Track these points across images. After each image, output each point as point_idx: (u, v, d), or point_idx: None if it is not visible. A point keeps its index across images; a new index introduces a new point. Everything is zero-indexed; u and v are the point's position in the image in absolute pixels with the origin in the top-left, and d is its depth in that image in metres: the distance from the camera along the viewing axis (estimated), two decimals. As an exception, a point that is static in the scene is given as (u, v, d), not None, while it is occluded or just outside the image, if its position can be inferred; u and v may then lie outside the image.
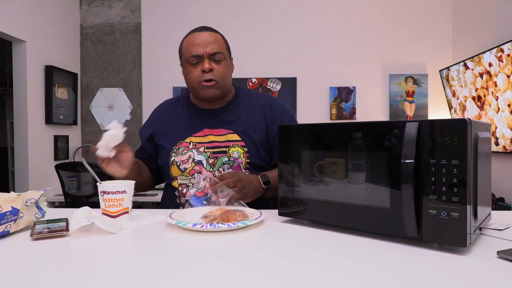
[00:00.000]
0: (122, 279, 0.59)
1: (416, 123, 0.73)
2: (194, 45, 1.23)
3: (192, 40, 1.24)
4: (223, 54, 1.25)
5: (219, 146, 1.25)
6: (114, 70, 3.77)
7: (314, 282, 0.57)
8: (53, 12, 3.38)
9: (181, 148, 1.26)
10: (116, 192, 0.92)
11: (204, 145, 1.25)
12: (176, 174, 1.26)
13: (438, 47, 3.59)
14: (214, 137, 1.26)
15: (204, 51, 1.21)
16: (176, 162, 1.25)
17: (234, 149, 1.24)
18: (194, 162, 1.23)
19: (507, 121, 2.53)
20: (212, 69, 1.22)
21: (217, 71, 1.23)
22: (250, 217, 0.91)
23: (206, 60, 1.22)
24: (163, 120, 1.35)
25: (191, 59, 1.23)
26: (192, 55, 1.22)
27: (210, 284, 0.57)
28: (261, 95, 1.41)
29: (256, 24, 3.68)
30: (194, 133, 1.28)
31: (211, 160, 1.23)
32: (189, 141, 1.27)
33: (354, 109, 3.64)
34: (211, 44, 1.23)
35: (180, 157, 1.25)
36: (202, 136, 1.27)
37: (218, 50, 1.24)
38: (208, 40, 1.23)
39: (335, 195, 0.86)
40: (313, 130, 0.91)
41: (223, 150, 1.24)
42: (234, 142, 1.25)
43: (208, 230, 0.83)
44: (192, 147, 1.25)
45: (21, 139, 3.05)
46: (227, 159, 1.23)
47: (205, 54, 1.22)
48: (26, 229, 0.88)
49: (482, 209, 0.77)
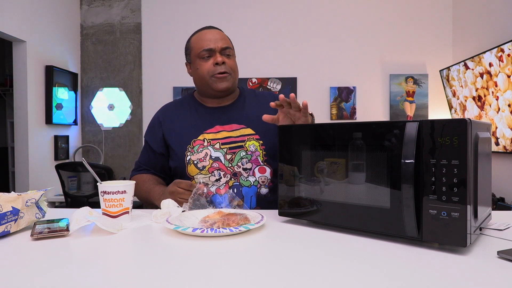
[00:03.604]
0: (122, 279, 0.59)
1: (416, 123, 0.73)
2: (205, 40, 1.27)
3: (203, 36, 1.29)
4: (232, 50, 1.32)
5: (234, 141, 1.26)
6: (114, 70, 3.77)
7: (314, 282, 0.57)
8: (53, 12, 3.38)
9: (196, 146, 1.26)
10: (117, 192, 0.92)
11: (219, 141, 1.26)
12: (194, 173, 1.25)
13: (438, 47, 3.59)
14: (227, 132, 1.27)
15: (216, 45, 1.26)
16: (193, 161, 1.24)
17: (250, 142, 1.26)
18: (211, 159, 1.23)
19: (508, 121, 2.53)
20: (225, 62, 1.26)
21: (229, 64, 1.28)
22: (252, 220, 0.89)
23: (218, 54, 1.26)
24: (171, 121, 1.33)
25: (203, 53, 1.26)
26: (204, 49, 1.26)
27: (210, 284, 0.57)
28: (264, 92, 1.46)
29: (256, 24, 3.68)
30: (205, 130, 1.28)
31: (228, 156, 1.24)
32: (203, 138, 1.27)
33: (354, 109, 3.64)
34: (221, 40, 1.29)
35: (196, 156, 1.24)
36: (215, 133, 1.27)
37: (229, 45, 1.30)
38: (218, 36, 1.29)
39: (336, 195, 0.86)
40: (313, 130, 0.91)
41: (240, 145, 1.26)
42: (249, 136, 1.27)
43: (209, 235, 0.81)
44: (207, 144, 1.25)
45: (21, 139, 3.06)
46: (244, 153, 1.25)
47: (217, 49, 1.27)
48: (26, 229, 0.88)
49: (483, 209, 0.77)
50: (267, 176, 1.26)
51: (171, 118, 1.34)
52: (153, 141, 1.34)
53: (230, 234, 0.82)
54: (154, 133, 1.34)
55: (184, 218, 0.94)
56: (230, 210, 0.98)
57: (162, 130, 1.32)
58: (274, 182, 1.27)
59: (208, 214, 0.93)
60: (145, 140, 1.37)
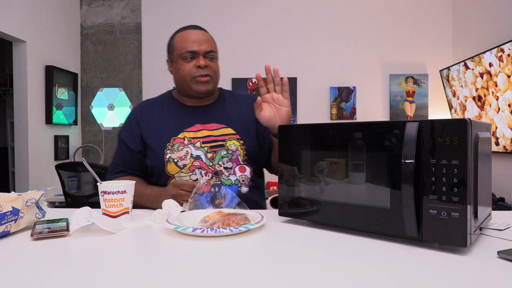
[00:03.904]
0: (122, 279, 0.59)
1: (416, 123, 0.73)
2: (189, 42, 1.26)
3: (187, 37, 1.27)
4: (216, 54, 1.31)
5: (215, 140, 1.26)
6: (114, 70, 3.78)
7: (315, 282, 0.57)
8: (53, 12, 3.38)
9: (176, 145, 1.24)
10: (117, 192, 0.92)
11: (200, 140, 1.25)
12: (174, 171, 1.23)
13: (438, 47, 3.59)
14: (208, 131, 1.27)
15: (199, 48, 1.26)
16: (173, 159, 1.23)
17: (231, 142, 1.27)
18: (192, 158, 1.23)
19: (508, 121, 2.53)
20: (207, 66, 1.26)
21: (212, 67, 1.28)
22: (252, 220, 0.89)
23: (201, 57, 1.26)
24: (149, 119, 1.30)
25: (186, 54, 1.26)
26: (187, 50, 1.25)
27: (210, 284, 0.57)
28: (243, 94, 1.47)
29: (256, 24, 3.68)
30: (186, 128, 1.27)
31: (209, 155, 1.24)
32: (183, 136, 1.25)
33: (354, 109, 3.64)
34: (206, 42, 1.28)
35: (176, 154, 1.23)
36: (196, 131, 1.27)
37: (213, 49, 1.29)
38: (203, 38, 1.28)
39: (336, 195, 0.86)
40: (313, 130, 0.91)
41: (221, 144, 1.26)
42: (230, 136, 1.28)
43: (209, 235, 0.81)
44: (188, 142, 1.24)
45: (22, 139, 3.06)
46: (225, 152, 1.25)
47: (201, 51, 1.26)
48: (26, 229, 0.88)
49: (483, 209, 0.77)
50: (247, 175, 1.27)
51: (149, 116, 1.31)
52: (131, 140, 1.30)
53: (230, 234, 0.82)
54: (132, 132, 1.30)
55: (184, 218, 0.94)
56: (230, 210, 0.98)
57: (140, 128, 1.29)
58: (254, 181, 1.29)
59: (208, 214, 0.93)
60: (121, 140, 1.32)
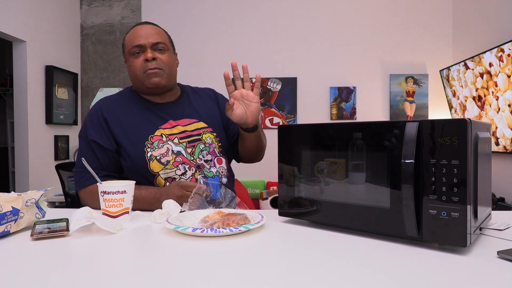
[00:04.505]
0: (122, 279, 0.59)
1: (416, 123, 0.73)
2: (136, 37, 1.25)
3: (135, 33, 1.27)
4: (166, 45, 1.28)
5: (191, 135, 1.28)
6: (115, 70, 3.78)
7: (315, 282, 0.57)
8: (53, 12, 3.38)
9: (155, 142, 1.22)
10: (116, 192, 0.92)
11: (177, 136, 1.26)
12: (158, 169, 1.20)
13: (438, 47, 3.59)
14: (182, 127, 1.28)
15: (146, 41, 1.24)
16: (155, 157, 1.20)
17: (206, 135, 1.30)
18: (174, 154, 1.23)
19: (508, 121, 2.53)
20: (156, 58, 1.24)
21: (161, 59, 1.26)
22: (252, 220, 0.89)
23: (149, 50, 1.24)
24: (118, 118, 1.24)
25: (133, 49, 1.25)
26: (134, 45, 1.24)
27: (210, 284, 0.57)
28: (203, 88, 1.48)
29: (256, 24, 3.68)
30: (161, 126, 1.26)
31: (189, 150, 1.25)
32: (160, 133, 1.24)
33: (354, 109, 3.64)
34: (153, 35, 1.26)
35: (158, 151, 1.21)
36: (171, 128, 1.26)
37: (161, 40, 1.27)
38: (150, 32, 1.26)
39: (336, 195, 0.86)
40: (313, 130, 0.91)
41: (197, 138, 1.28)
42: (204, 129, 1.31)
43: (209, 235, 0.81)
44: (166, 139, 1.24)
45: (22, 139, 3.06)
46: (203, 146, 1.27)
47: (148, 44, 1.24)
48: (26, 229, 0.88)
49: (482, 209, 0.77)
50: (224, 166, 1.31)
51: (116, 115, 1.25)
52: (104, 138, 1.22)
53: (230, 234, 0.82)
54: (102, 131, 1.23)
55: (184, 218, 0.94)
56: (230, 210, 0.98)
57: (110, 127, 1.23)
58: (230, 172, 1.34)
59: (208, 214, 0.93)
60: (91, 141, 1.22)
